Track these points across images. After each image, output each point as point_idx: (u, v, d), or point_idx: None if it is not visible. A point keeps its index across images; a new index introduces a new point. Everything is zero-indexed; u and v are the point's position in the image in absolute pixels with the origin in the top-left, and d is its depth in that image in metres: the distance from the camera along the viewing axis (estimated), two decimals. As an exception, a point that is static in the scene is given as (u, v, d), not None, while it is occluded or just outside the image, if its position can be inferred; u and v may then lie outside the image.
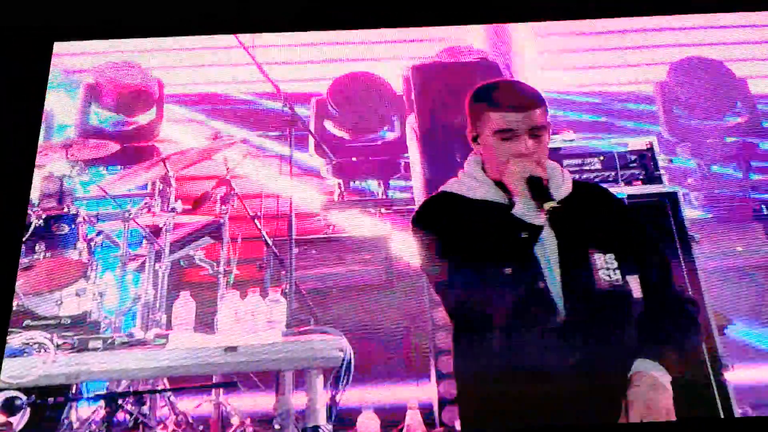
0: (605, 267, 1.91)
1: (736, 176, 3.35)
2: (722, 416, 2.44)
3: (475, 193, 2.00)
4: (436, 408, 2.82)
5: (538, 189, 1.92)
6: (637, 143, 3.05)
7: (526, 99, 2.00)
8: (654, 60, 3.44)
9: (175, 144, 3.33)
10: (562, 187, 2.01)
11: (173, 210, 3.05)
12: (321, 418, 2.64)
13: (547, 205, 1.89)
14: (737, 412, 2.47)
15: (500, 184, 1.97)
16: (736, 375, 2.56)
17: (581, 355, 1.87)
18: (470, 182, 2.02)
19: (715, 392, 2.48)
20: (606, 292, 1.90)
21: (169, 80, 3.43)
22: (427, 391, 2.85)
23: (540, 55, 3.59)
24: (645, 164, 3.00)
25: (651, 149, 3.04)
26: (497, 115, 1.96)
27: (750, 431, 2.49)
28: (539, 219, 1.92)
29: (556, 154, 2.89)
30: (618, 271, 1.90)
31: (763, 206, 3.27)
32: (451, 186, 2.07)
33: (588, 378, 1.86)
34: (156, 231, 3.06)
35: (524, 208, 1.93)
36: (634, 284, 1.93)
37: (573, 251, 1.92)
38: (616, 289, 1.90)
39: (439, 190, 2.10)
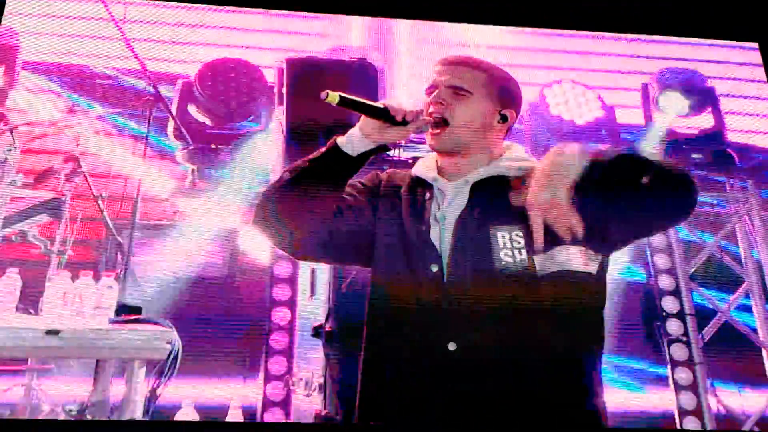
0: (508, 247, 1.68)
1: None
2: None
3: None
4: (259, 409, 2.77)
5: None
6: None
7: (457, 58, 1.85)
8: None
9: (25, 114, 3.14)
10: (514, 164, 1.79)
11: (12, 183, 2.89)
12: (137, 412, 2.54)
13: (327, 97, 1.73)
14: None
15: None
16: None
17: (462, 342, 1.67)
18: None
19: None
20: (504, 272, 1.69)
21: (29, 46, 3.22)
22: (253, 392, 2.79)
23: (418, 61, 3.55)
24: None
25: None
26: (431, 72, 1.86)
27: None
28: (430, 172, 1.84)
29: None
30: (524, 251, 1.67)
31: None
32: None
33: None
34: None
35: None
36: (545, 262, 1.69)
37: (471, 231, 1.71)
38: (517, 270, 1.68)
39: None
